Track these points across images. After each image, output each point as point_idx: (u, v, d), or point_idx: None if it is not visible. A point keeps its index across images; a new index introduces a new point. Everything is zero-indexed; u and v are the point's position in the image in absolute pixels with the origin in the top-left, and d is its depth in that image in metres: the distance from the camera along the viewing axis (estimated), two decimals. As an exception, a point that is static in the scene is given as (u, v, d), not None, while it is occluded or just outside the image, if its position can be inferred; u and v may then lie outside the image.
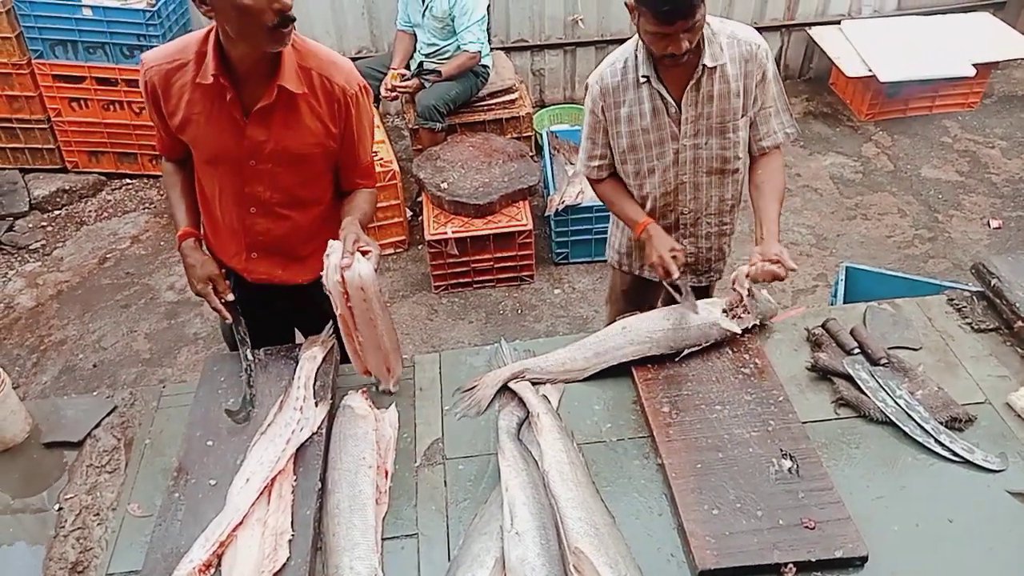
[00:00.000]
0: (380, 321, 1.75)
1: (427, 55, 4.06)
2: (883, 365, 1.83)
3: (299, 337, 2.10)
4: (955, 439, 1.68)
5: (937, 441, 1.67)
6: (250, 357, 1.92)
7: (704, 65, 1.92)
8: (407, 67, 4.11)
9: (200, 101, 1.77)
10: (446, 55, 4.03)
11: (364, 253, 1.70)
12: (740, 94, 1.98)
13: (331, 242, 1.72)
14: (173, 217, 2.04)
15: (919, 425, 1.71)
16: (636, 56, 1.98)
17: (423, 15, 3.96)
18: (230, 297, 1.96)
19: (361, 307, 1.71)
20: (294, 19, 1.64)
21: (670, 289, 2.05)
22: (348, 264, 1.66)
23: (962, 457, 1.64)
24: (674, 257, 2.06)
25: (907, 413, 1.73)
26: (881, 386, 1.79)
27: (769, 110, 2.04)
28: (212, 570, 1.50)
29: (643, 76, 1.96)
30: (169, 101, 1.80)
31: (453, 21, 3.90)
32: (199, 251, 1.96)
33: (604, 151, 2.16)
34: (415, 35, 4.12)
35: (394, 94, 4.06)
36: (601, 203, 3.70)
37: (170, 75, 1.77)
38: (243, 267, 2.03)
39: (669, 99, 1.98)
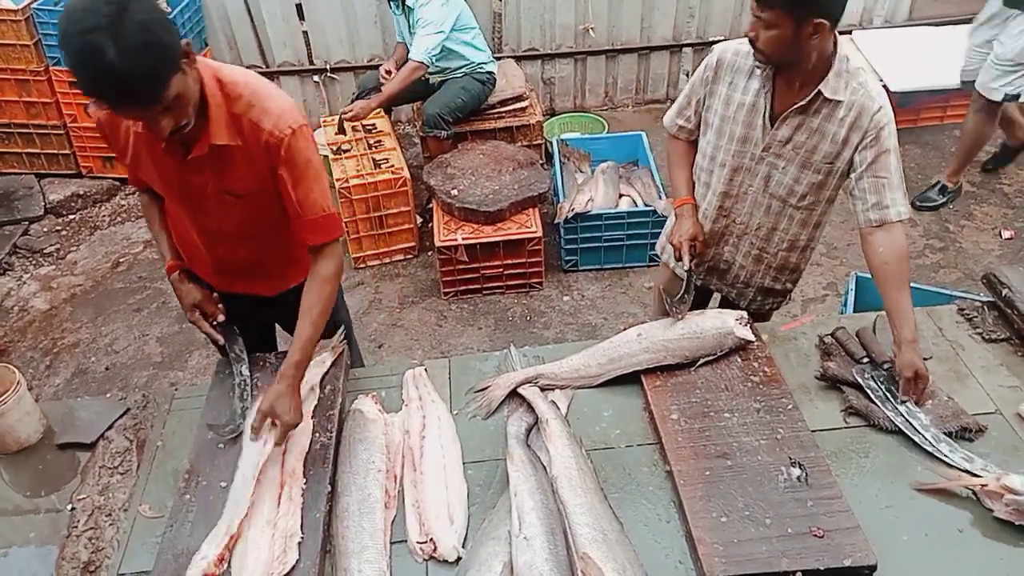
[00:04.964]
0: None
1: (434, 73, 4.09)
2: (886, 370, 1.83)
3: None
4: (955, 448, 1.67)
5: (936, 449, 1.67)
6: (244, 373, 1.93)
7: (820, 91, 1.82)
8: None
9: (144, 143, 1.72)
10: (447, 69, 4.05)
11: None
12: (840, 142, 1.87)
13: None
14: (158, 250, 2.04)
15: (919, 432, 1.70)
16: None
17: (411, 32, 3.99)
18: (220, 318, 1.96)
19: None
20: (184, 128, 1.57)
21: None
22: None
23: (960, 467, 1.64)
24: (692, 247, 2.07)
25: (908, 420, 1.73)
26: (884, 393, 1.78)
27: (883, 180, 1.87)
28: (225, 564, 1.52)
29: (758, 65, 1.88)
30: (118, 140, 1.76)
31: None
32: (185, 282, 1.97)
33: (691, 116, 2.12)
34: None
35: (350, 116, 4.01)
36: (610, 211, 3.77)
37: (112, 118, 1.72)
38: (214, 282, 2.03)
39: (768, 106, 1.91)
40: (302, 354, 1.75)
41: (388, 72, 4.10)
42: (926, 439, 1.69)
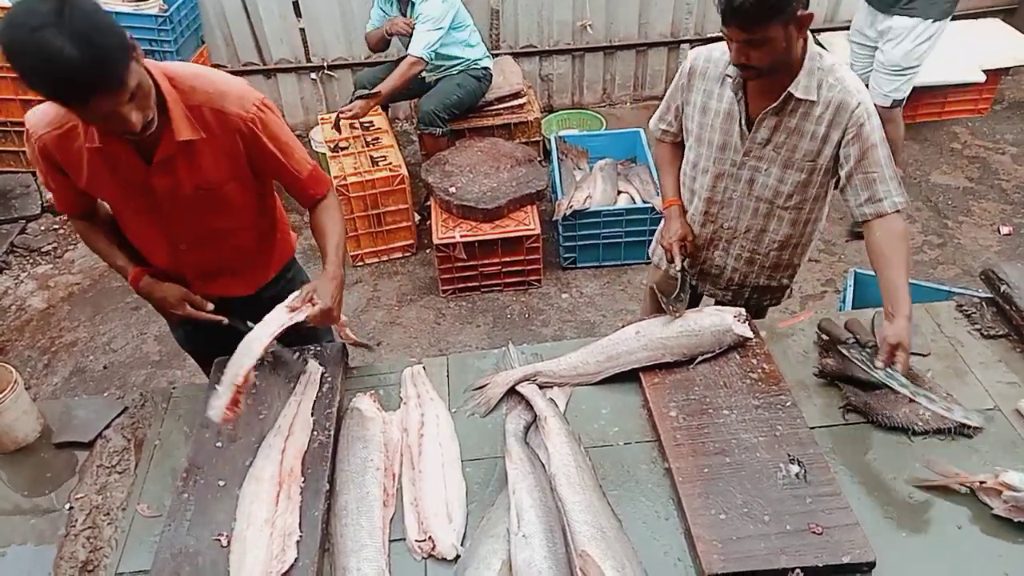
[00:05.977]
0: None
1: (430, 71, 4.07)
2: (871, 348, 1.83)
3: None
4: (934, 400, 1.70)
5: (915, 401, 1.71)
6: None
7: (790, 93, 1.81)
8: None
9: (101, 160, 1.68)
10: (442, 66, 4.04)
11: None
12: (820, 139, 1.86)
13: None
14: (114, 268, 1.98)
15: (896, 391, 1.72)
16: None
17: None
18: (210, 306, 1.94)
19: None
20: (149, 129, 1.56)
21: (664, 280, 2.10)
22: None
23: (942, 419, 1.68)
24: (683, 247, 2.09)
25: (888, 379, 1.73)
26: (865, 359, 1.79)
27: (874, 174, 1.84)
28: (240, 408, 1.72)
29: (727, 74, 1.89)
30: (70, 164, 1.71)
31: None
32: (159, 283, 1.92)
33: (673, 121, 2.17)
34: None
35: (350, 116, 3.97)
36: (609, 208, 3.77)
37: (62, 140, 1.68)
38: (193, 290, 1.98)
39: (744, 111, 1.91)
40: (337, 260, 1.86)
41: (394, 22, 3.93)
42: (902, 395, 1.72)
